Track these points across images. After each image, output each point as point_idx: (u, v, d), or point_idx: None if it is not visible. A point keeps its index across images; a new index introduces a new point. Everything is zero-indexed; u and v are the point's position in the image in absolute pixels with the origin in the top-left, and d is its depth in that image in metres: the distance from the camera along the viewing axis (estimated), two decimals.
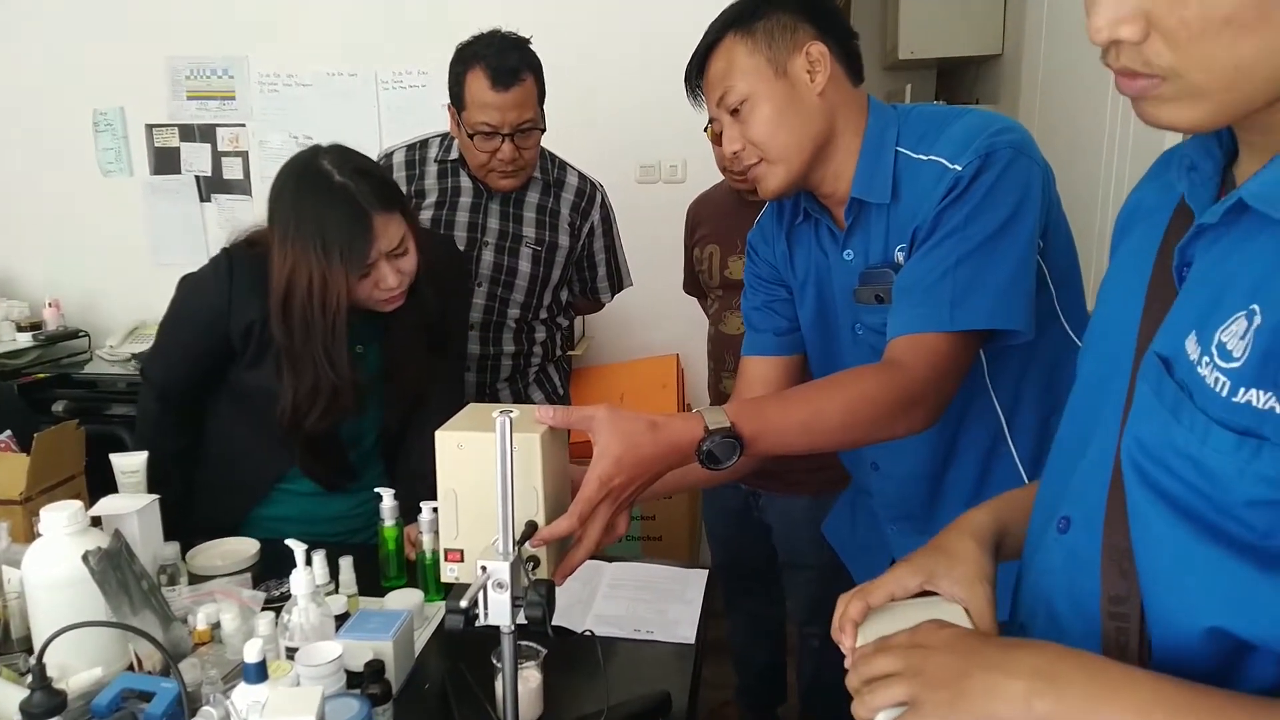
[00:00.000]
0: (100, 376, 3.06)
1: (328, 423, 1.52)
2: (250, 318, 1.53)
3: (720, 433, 1.01)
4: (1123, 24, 0.58)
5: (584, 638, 1.25)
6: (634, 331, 3.15)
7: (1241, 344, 0.57)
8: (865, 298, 1.22)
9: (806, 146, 1.18)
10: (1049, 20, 2.80)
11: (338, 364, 1.47)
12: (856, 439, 1.13)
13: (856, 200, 1.20)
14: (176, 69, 3.18)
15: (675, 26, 3.10)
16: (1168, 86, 0.59)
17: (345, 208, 1.42)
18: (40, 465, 1.44)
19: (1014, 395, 1.23)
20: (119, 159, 3.27)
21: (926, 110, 1.21)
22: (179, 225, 3.28)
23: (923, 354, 1.09)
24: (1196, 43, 0.56)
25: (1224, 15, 0.54)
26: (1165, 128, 0.62)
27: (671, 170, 3.06)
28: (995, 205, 1.08)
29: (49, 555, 1.16)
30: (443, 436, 1.00)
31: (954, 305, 1.08)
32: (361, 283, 1.46)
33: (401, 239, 1.47)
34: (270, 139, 3.20)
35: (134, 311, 3.23)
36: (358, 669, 1.11)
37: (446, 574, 1.03)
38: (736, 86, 1.17)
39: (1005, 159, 1.09)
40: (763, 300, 1.40)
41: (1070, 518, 0.72)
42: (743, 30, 1.17)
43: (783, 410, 1.07)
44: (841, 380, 1.11)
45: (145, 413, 1.73)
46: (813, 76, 1.17)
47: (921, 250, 1.12)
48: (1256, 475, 0.56)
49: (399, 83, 3.12)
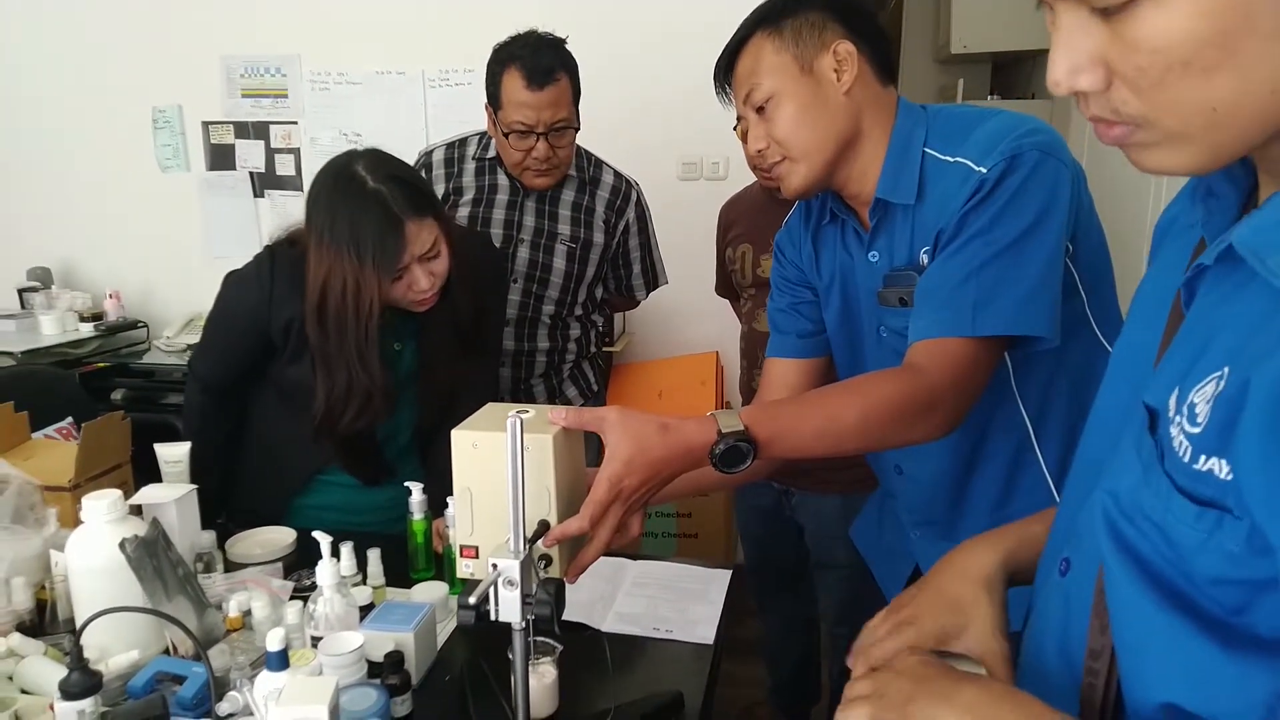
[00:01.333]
0: (157, 366, 3.17)
1: (362, 424, 1.55)
2: (290, 314, 1.57)
3: (733, 436, 1.01)
4: (1080, 74, 0.55)
5: (600, 635, 1.27)
6: (674, 328, 3.16)
7: (1206, 408, 0.53)
8: (889, 300, 1.21)
9: (829, 145, 1.17)
10: None
11: (370, 366, 1.50)
12: (873, 444, 1.12)
13: (881, 201, 1.19)
14: (231, 68, 3.27)
15: (717, 22, 3.10)
16: (1143, 134, 0.55)
17: (378, 213, 1.45)
18: (88, 454, 1.50)
19: (1041, 402, 1.21)
20: (176, 155, 3.38)
21: (956, 111, 1.20)
22: (233, 220, 3.38)
23: (943, 359, 1.07)
24: (1159, 89, 0.52)
25: (1182, 58, 0.50)
26: (1161, 174, 0.58)
27: (713, 167, 3.05)
28: (1021, 208, 1.06)
29: (90, 542, 1.21)
30: (458, 435, 1.02)
31: (976, 310, 1.06)
32: (395, 285, 1.49)
33: (434, 243, 1.50)
34: (321, 136, 3.28)
35: (190, 303, 3.33)
36: (379, 660, 1.14)
37: (462, 570, 1.05)
38: (762, 84, 1.17)
39: (1032, 161, 1.06)
40: (788, 302, 1.40)
41: (1070, 560, 0.69)
42: (771, 28, 1.17)
43: (798, 414, 1.07)
44: (859, 384, 1.10)
45: (190, 405, 1.79)
46: (839, 75, 1.16)
47: (945, 253, 1.10)
48: (1219, 550, 0.52)
49: (445, 80, 3.17)
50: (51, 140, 3.42)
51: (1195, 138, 0.53)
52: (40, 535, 1.34)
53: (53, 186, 3.46)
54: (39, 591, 1.31)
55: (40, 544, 1.33)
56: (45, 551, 1.33)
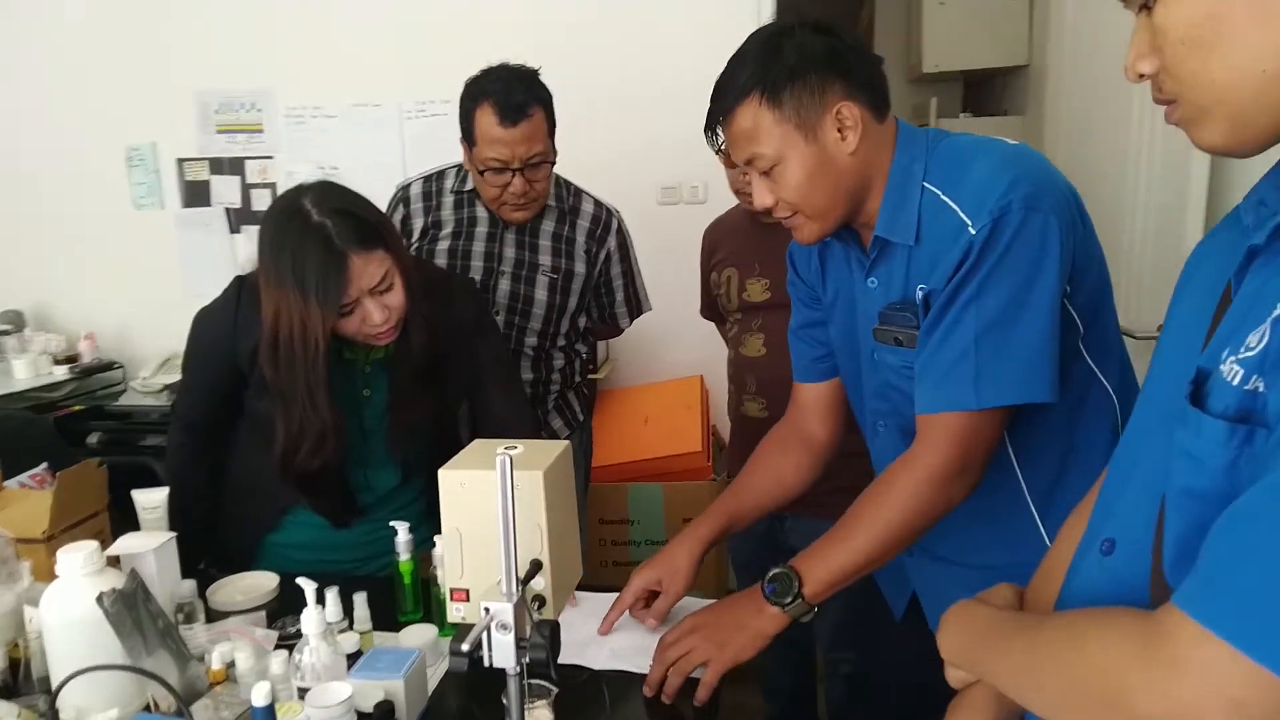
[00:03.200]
0: (134, 408, 3.12)
1: (317, 464, 1.52)
2: (256, 341, 1.54)
3: (797, 611, 1.22)
4: (1141, 60, 0.68)
5: (597, 674, 1.24)
6: (657, 353, 3.14)
7: (1260, 336, 0.59)
8: (884, 338, 1.22)
9: (841, 203, 1.18)
10: (1074, 31, 2.76)
11: (319, 405, 1.47)
12: (907, 541, 1.20)
13: (880, 238, 1.19)
14: (206, 103, 3.25)
15: (696, 49, 3.12)
16: (1181, 110, 0.67)
17: (320, 248, 1.41)
18: (63, 503, 1.46)
19: (1026, 433, 1.21)
20: (151, 193, 3.34)
21: (955, 144, 1.18)
22: (209, 257, 3.34)
23: (954, 434, 1.12)
24: (1178, 66, 0.65)
25: (1183, 38, 0.63)
26: (1208, 150, 0.68)
27: (693, 191, 3.06)
28: (1009, 272, 1.06)
29: (66, 596, 1.17)
30: (445, 475, 0.99)
31: (978, 384, 1.09)
32: (347, 321, 1.46)
33: (385, 275, 1.46)
34: (297, 170, 3.25)
35: (166, 343, 3.28)
36: (368, 709, 1.11)
37: (453, 614, 1.03)
38: (765, 153, 1.15)
39: (1017, 221, 1.06)
40: (799, 324, 1.44)
41: (1115, 540, 0.75)
42: (770, 99, 1.13)
43: (825, 554, 1.22)
44: (877, 497, 1.18)
45: (172, 445, 1.76)
46: (844, 136, 1.14)
47: (941, 326, 1.11)
48: (1248, 462, 0.59)
49: (422, 111, 3.16)
50: (24, 181, 3.38)
51: (1211, 111, 0.64)
52: (13, 590, 1.29)
53: (25, 227, 3.41)
54: (11, 650, 1.26)
55: (13, 599, 1.29)
56: (19, 607, 1.28)
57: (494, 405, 1.72)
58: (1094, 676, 0.64)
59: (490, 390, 1.72)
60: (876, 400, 1.30)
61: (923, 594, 1.35)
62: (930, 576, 1.33)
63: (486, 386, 1.72)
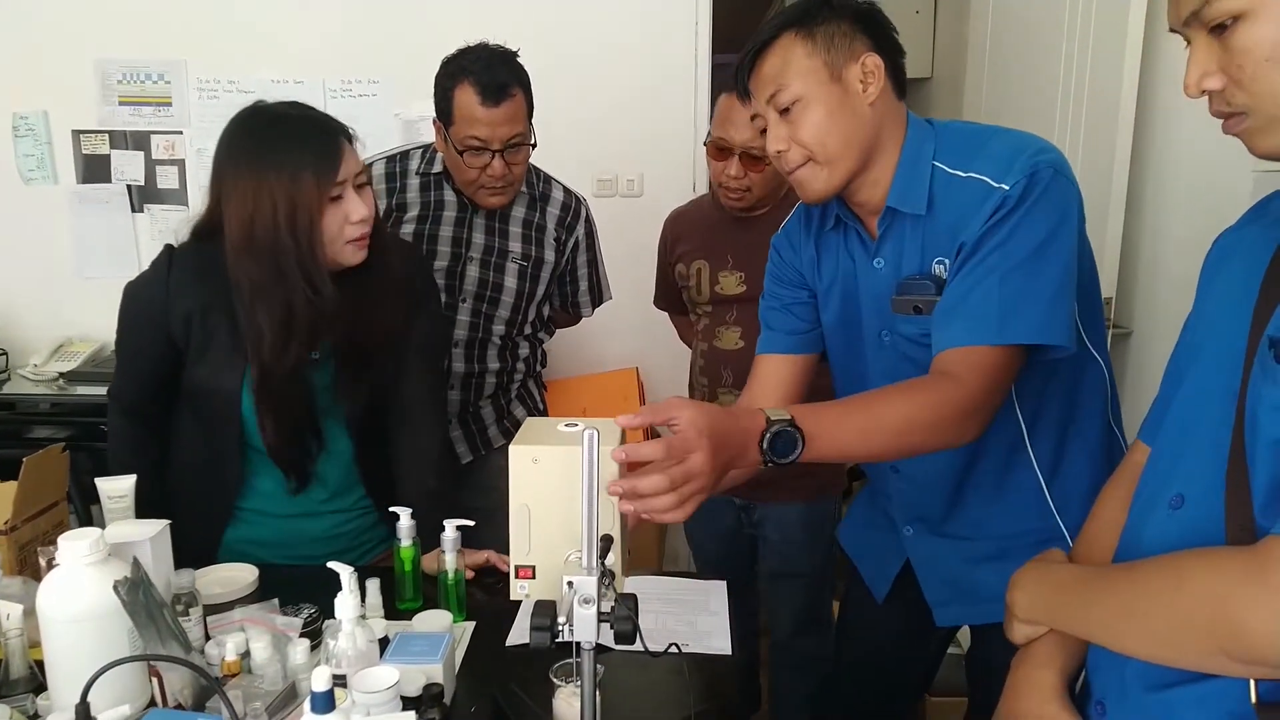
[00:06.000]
0: (20, 397, 2.89)
1: (306, 353, 1.48)
2: (188, 307, 1.49)
3: (782, 423, 1.04)
4: (1207, 78, 0.77)
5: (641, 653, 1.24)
6: (590, 345, 3.14)
7: None
8: (903, 308, 1.26)
9: (855, 152, 1.21)
10: (991, 44, 2.94)
11: (316, 279, 1.42)
12: (910, 447, 1.15)
13: (891, 210, 1.24)
14: (107, 73, 3.03)
15: (630, 41, 3.14)
16: (1250, 120, 0.77)
17: (306, 126, 1.44)
18: (26, 492, 1.35)
19: (1036, 403, 1.28)
20: (42, 166, 3.09)
21: (963, 128, 1.26)
22: (108, 237, 3.11)
23: (974, 367, 1.12)
24: (1255, 82, 0.75)
25: (1266, 56, 0.73)
26: (1268, 157, 0.77)
27: (629, 184, 3.08)
28: (1037, 223, 1.13)
29: (68, 587, 1.09)
30: (517, 451, 0.99)
31: (1003, 319, 1.12)
32: (331, 214, 1.42)
33: (362, 171, 1.47)
34: (209, 147, 3.01)
35: (59, 328, 3.04)
36: (410, 694, 1.08)
37: (516, 591, 1.02)
38: (791, 86, 1.19)
39: (1047, 178, 1.14)
40: (781, 302, 1.44)
41: (1184, 495, 0.82)
42: (803, 31, 1.19)
43: (843, 412, 1.11)
44: (900, 390, 1.14)
45: (114, 432, 1.65)
46: (866, 86, 1.20)
47: (969, 266, 1.16)
48: None
49: (348, 90, 3.05)
50: None
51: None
52: None
53: None
54: None
55: None
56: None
57: (406, 387, 1.63)
58: (1202, 607, 0.72)
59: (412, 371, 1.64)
60: (884, 381, 1.36)
61: (921, 568, 1.41)
62: (930, 552, 1.40)
63: (410, 365, 1.64)
